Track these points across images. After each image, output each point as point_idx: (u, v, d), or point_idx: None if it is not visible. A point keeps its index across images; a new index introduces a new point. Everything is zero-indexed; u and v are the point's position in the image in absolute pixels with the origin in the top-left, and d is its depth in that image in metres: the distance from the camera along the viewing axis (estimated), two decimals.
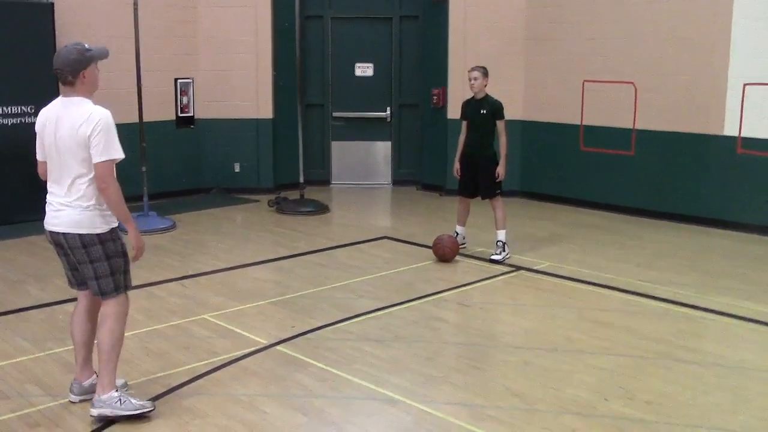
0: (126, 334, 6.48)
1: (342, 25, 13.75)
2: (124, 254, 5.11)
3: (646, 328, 6.91)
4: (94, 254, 4.95)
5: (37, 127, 5.11)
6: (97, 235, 4.93)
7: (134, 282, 7.88)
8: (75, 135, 4.82)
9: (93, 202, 4.91)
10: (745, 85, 10.27)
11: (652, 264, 9.01)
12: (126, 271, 5.16)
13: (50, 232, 5.06)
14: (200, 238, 10.22)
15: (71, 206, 4.92)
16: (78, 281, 5.24)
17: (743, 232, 10.40)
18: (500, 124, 9.08)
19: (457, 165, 9.35)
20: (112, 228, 5.02)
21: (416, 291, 7.92)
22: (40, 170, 5.24)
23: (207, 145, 13.05)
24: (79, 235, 4.91)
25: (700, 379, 5.87)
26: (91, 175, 4.87)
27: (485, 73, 9.01)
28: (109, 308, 5.09)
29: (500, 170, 9.04)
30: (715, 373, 6.00)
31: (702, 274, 8.66)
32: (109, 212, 4.98)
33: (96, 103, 4.96)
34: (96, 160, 4.81)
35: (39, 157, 5.17)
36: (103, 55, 4.99)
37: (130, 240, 5.05)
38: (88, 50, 4.93)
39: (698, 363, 6.17)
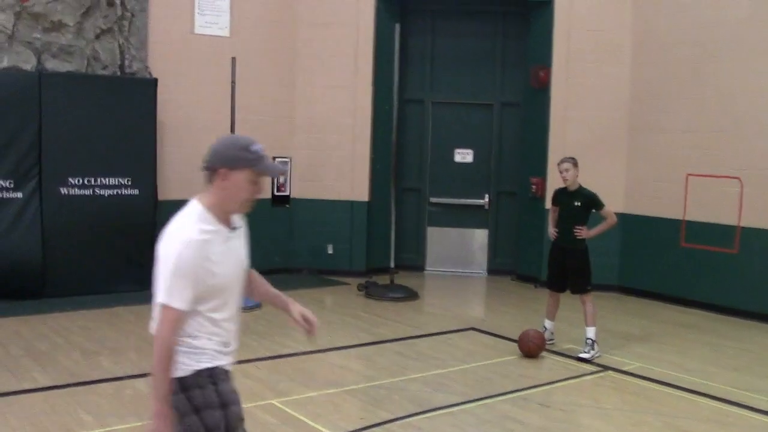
0: None
1: (442, 110, 13.71)
2: (223, 405, 3.69)
3: None
4: (180, 407, 3.61)
5: None
6: (177, 379, 3.61)
7: None
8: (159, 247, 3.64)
9: None
10: None
11: (752, 370, 8.46)
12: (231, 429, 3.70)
13: None
14: (284, 318, 10.02)
15: None
16: None
17: None
18: (605, 212, 8.78)
19: (552, 230, 9.03)
20: (202, 369, 3.66)
21: (496, 387, 7.58)
22: None
23: (301, 225, 13.05)
24: None
25: None
26: None
27: (575, 163, 8.75)
28: None
29: (586, 229, 8.72)
30: None
31: None
32: (201, 346, 3.64)
33: (203, 222, 3.60)
34: (155, 297, 3.56)
35: None
36: (272, 171, 3.85)
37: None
38: (251, 151, 3.62)
39: None
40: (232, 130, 10.54)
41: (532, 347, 8.62)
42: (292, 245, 13.08)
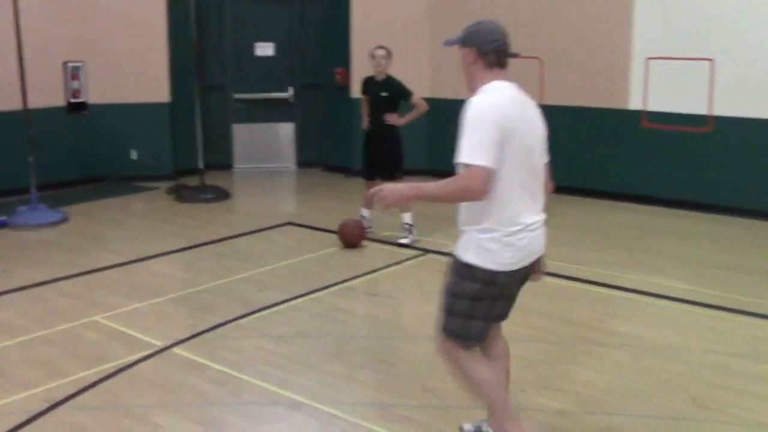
0: (7, 343, 6.11)
1: (241, 4, 13.25)
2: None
3: (561, 310, 6.72)
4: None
5: (503, 120, 3.80)
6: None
7: (18, 282, 7.53)
8: (542, 133, 4.17)
9: None
10: (648, 59, 10.22)
11: (563, 241, 8.79)
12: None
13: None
14: (94, 231, 9.68)
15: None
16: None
17: (650, 205, 10.42)
18: (414, 99, 8.80)
19: (365, 120, 9.06)
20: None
21: (321, 280, 7.57)
22: (481, 180, 3.74)
23: (101, 132, 12.40)
24: None
25: (618, 363, 5.69)
26: None
27: (390, 53, 8.76)
28: None
29: (396, 116, 8.76)
30: (632, 355, 5.82)
31: (612, 250, 8.57)
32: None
33: None
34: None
35: (489, 162, 3.73)
36: None
37: None
38: None
39: (615, 346, 5.99)
40: (18, 34, 9.75)
41: (352, 237, 8.65)
42: (92, 153, 12.40)
